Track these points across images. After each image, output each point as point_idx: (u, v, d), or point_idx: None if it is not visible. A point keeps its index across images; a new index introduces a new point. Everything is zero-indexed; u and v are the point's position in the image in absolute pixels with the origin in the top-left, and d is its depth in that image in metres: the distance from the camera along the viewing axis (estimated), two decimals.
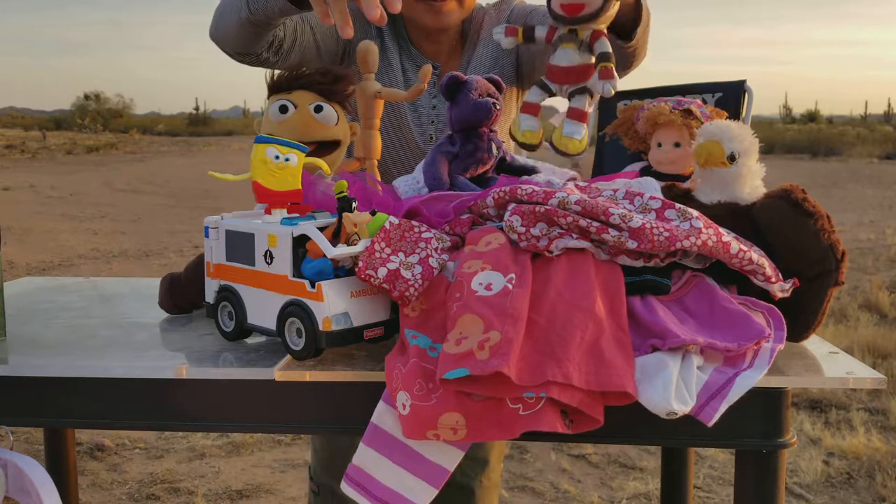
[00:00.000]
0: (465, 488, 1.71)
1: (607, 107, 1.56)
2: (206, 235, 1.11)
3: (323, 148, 1.23)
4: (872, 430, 3.41)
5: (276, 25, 1.43)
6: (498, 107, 1.26)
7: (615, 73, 1.06)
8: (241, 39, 1.43)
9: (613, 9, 1.13)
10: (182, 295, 1.26)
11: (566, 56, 1.09)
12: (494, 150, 1.27)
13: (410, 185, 1.29)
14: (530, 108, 1.29)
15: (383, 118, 1.40)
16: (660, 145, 1.27)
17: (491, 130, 1.28)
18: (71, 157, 19.88)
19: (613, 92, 1.05)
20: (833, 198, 11.44)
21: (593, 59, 1.08)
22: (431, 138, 1.64)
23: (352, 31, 1.06)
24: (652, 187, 1.16)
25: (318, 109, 1.22)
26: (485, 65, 1.68)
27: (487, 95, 1.26)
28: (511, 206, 1.05)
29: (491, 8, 1.73)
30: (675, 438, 1.00)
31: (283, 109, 1.21)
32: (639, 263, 1.02)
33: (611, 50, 1.08)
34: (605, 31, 1.12)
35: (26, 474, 1.06)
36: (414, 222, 1.07)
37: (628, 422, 0.94)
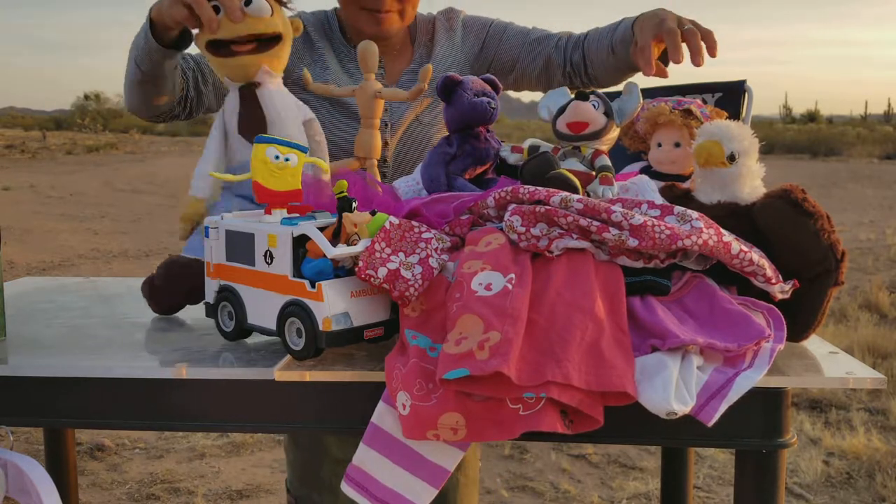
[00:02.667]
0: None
1: None
2: (206, 235, 1.11)
3: (264, 44, 1.21)
4: (872, 430, 3.41)
5: (171, 76, 1.47)
6: (494, 106, 1.26)
7: (614, 181, 1.13)
8: (147, 101, 1.49)
9: (614, 132, 1.18)
10: (161, 300, 1.25)
11: (570, 164, 1.16)
12: (493, 151, 1.27)
13: (410, 186, 1.29)
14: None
15: (338, 110, 1.53)
16: (660, 145, 1.27)
17: (488, 130, 1.28)
18: (71, 157, 19.88)
19: (612, 195, 1.11)
20: (833, 198, 11.43)
21: (594, 174, 1.14)
22: (387, 125, 1.66)
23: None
24: (648, 187, 1.17)
25: (248, 3, 1.19)
26: (442, 69, 1.71)
27: (483, 95, 1.26)
28: (511, 207, 1.05)
29: (439, 15, 1.80)
30: (675, 438, 1.00)
31: (215, 10, 1.18)
32: (639, 264, 1.02)
33: (610, 164, 1.15)
34: (606, 150, 1.18)
35: (26, 474, 1.06)
36: (414, 222, 1.07)
37: (628, 422, 0.94)
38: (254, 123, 1.20)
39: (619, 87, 1.23)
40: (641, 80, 1.30)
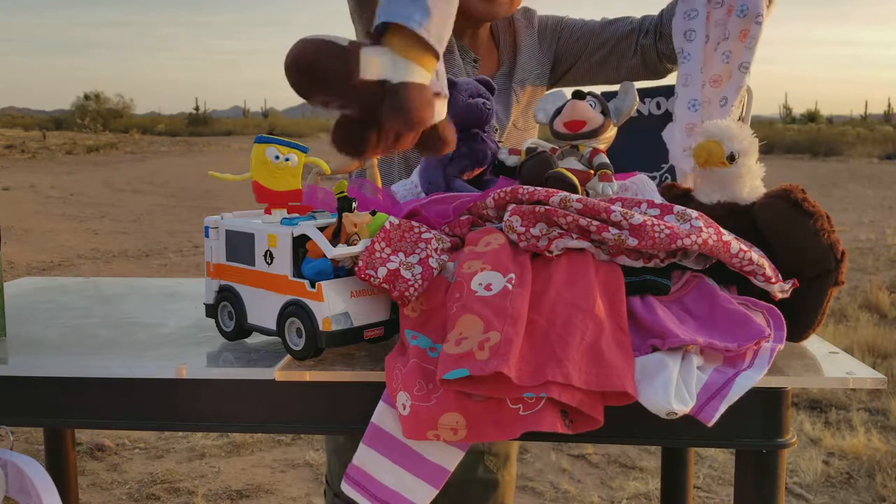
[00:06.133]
0: (489, 482, 1.74)
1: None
2: (206, 235, 1.11)
3: None
4: (872, 430, 3.41)
5: None
6: (489, 107, 1.26)
7: (613, 179, 1.13)
8: None
9: (612, 131, 1.18)
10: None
11: (568, 163, 1.16)
12: (490, 152, 1.27)
13: (409, 189, 1.29)
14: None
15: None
16: None
17: (484, 131, 1.28)
18: (71, 157, 19.87)
19: (612, 193, 1.11)
20: (833, 198, 11.43)
21: (593, 172, 1.14)
22: (496, 130, 1.67)
23: None
24: (648, 187, 1.17)
25: None
26: (527, 70, 1.72)
27: (478, 96, 1.25)
28: (510, 207, 1.05)
29: (518, 15, 1.78)
30: (675, 438, 1.00)
31: None
32: (639, 264, 1.02)
33: (608, 161, 1.14)
34: (604, 149, 1.18)
35: (26, 474, 1.06)
36: (414, 223, 1.07)
37: (628, 422, 0.94)
38: None
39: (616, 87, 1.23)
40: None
